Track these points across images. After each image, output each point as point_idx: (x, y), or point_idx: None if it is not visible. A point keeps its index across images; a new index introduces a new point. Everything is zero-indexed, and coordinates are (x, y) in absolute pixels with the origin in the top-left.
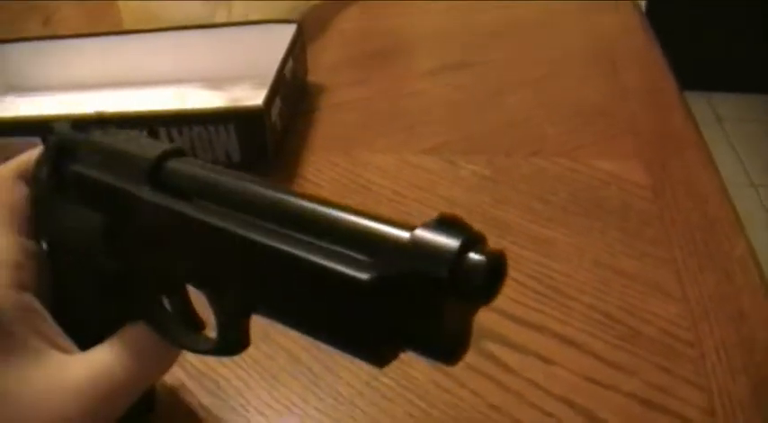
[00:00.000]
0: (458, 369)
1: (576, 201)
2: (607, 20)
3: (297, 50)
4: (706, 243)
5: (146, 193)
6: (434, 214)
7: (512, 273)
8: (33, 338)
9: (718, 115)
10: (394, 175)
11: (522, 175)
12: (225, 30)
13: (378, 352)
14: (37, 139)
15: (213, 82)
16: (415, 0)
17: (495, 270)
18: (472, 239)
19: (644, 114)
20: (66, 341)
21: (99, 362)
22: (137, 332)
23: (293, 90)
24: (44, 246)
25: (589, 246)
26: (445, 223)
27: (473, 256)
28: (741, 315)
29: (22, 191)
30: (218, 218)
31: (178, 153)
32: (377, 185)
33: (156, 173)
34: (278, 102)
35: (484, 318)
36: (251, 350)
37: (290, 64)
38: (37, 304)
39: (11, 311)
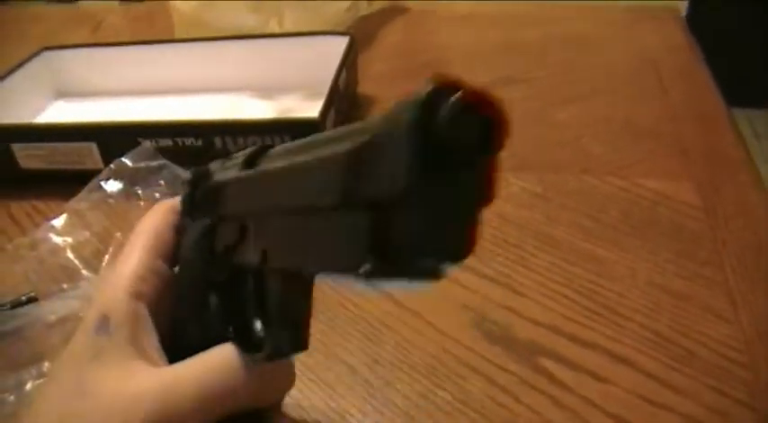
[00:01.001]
0: (513, 384)
1: (626, 220)
2: (652, 36)
3: (349, 62)
4: (757, 265)
5: (239, 173)
6: (486, 230)
7: (563, 290)
8: (127, 345)
9: (756, 132)
10: None
11: (572, 193)
12: (277, 40)
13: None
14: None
15: (264, 91)
16: (460, 14)
17: (476, 106)
18: (447, 83)
19: (692, 133)
20: (159, 355)
21: (171, 376)
22: (222, 350)
23: (345, 101)
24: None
25: (640, 265)
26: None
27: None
28: None
29: (169, 219)
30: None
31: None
32: None
33: (254, 158)
34: (332, 113)
35: (537, 334)
36: (309, 361)
37: (343, 75)
38: (145, 314)
39: (119, 315)
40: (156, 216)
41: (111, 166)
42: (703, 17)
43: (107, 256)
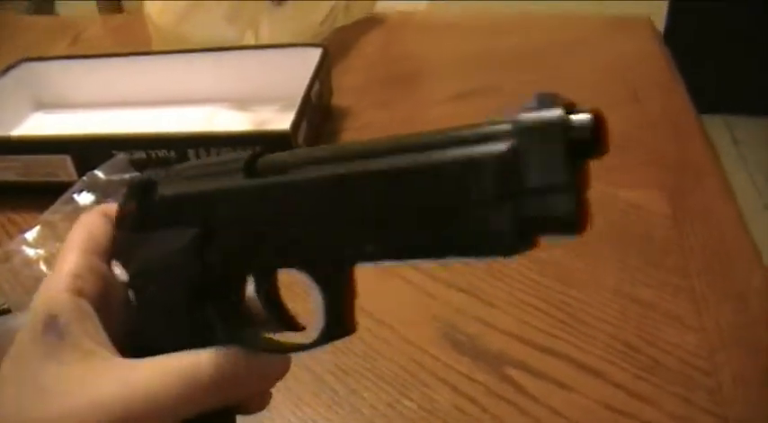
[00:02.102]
0: (480, 394)
1: (597, 229)
2: (626, 46)
3: (322, 74)
4: (724, 273)
5: (245, 181)
6: None
7: (533, 300)
8: (81, 342)
9: (735, 138)
10: None
11: None
12: (253, 52)
13: (513, 239)
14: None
15: (240, 103)
16: (436, 25)
17: (600, 120)
18: (568, 103)
19: (664, 142)
20: (113, 352)
21: (135, 374)
22: (196, 355)
23: (318, 112)
24: (125, 277)
25: (609, 274)
26: (543, 100)
27: (578, 115)
28: (758, 345)
29: (104, 223)
30: (331, 168)
31: (264, 153)
32: None
33: (251, 167)
34: (304, 125)
35: (505, 344)
36: None
37: (315, 87)
38: (91, 311)
39: (67, 313)
40: (89, 219)
41: (84, 178)
42: (682, 25)
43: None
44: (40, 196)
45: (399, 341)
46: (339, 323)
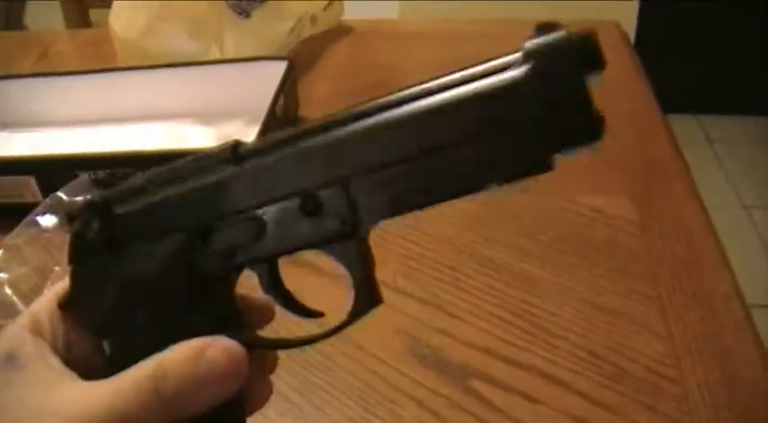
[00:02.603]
0: (445, 408)
1: (563, 238)
2: None
3: (288, 87)
4: (691, 279)
5: (238, 169)
6: (419, 251)
7: (498, 311)
8: (48, 371)
9: (709, 137)
10: None
11: (511, 213)
12: (218, 67)
13: (545, 155)
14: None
15: (206, 117)
16: (404, 33)
17: (595, 35)
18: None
19: (631, 147)
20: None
21: (91, 391)
22: (160, 360)
23: (284, 127)
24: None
25: (575, 283)
26: (542, 29)
27: (578, 33)
28: (725, 352)
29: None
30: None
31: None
32: None
33: (236, 155)
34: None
35: (470, 356)
36: None
37: (281, 102)
38: (49, 351)
39: (24, 350)
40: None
41: (47, 200)
42: (654, 24)
43: (45, 290)
44: (5, 218)
45: (363, 356)
46: (369, 294)
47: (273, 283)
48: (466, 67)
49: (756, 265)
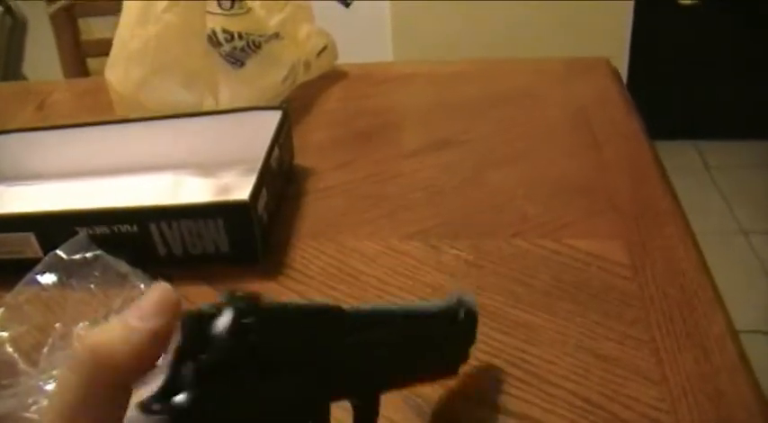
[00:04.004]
0: None
1: (557, 283)
2: (584, 89)
3: (282, 137)
4: (684, 321)
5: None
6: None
7: (493, 361)
8: None
9: (707, 163)
10: (379, 263)
11: (505, 258)
12: (214, 117)
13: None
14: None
15: (203, 168)
16: (396, 77)
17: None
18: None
19: (623, 188)
20: None
21: None
22: None
23: (279, 178)
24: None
25: (570, 329)
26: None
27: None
28: (719, 394)
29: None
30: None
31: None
32: (363, 274)
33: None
34: (264, 193)
35: (465, 407)
36: None
37: (275, 153)
38: None
39: None
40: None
41: (46, 258)
42: (648, 51)
43: (46, 348)
44: (5, 275)
45: None
46: None
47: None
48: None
49: (756, 291)
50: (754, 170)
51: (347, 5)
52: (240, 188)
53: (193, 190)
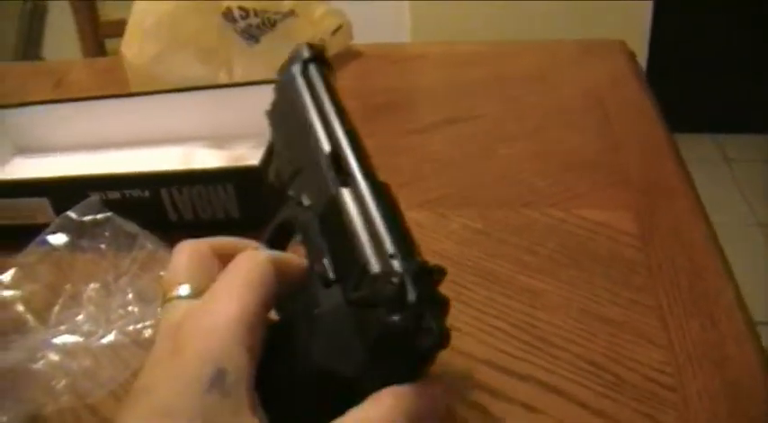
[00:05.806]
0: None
1: (564, 251)
2: (598, 69)
3: None
4: (692, 290)
5: None
6: None
7: (499, 323)
8: (246, 408)
9: (726, 156)
10: None
11: (512, 227)
12: (227, 91)
13: None
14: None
15: (217, 140)
16: (411, 57)
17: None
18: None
19: (634, 163)
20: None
21: None
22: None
23: None
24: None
25: (576, 295)
26: None
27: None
28: (725, 360)
29: (273, 273)
30: None
31: None
32: None
33: None
34: (275, 161)
35: (471, 368)
36: None
37: None
38: (252, 373)
39: (237, 371)
40: (260, 264)
41: (58, 219)
42: (669, 44)
43: (57, 307)
44: (15, 238)
45: None
46: None
47: None
48: None
49: None
50: None
51: None
52: (252, 160)
53: (206, 160)
